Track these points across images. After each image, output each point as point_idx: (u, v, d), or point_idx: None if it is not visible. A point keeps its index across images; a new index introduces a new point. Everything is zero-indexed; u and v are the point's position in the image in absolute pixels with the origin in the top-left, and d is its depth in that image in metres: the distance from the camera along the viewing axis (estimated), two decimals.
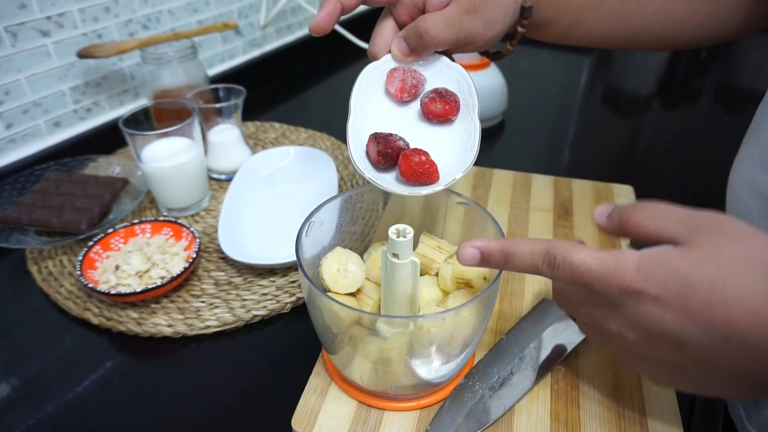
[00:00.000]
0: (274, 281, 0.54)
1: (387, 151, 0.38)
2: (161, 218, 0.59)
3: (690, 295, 0.27)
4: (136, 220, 0.58)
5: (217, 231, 0.58)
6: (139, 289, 0.49)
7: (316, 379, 0.42)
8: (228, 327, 0.50)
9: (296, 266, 0.55)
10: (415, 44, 0.40)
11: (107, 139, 0.75)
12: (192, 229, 0.57)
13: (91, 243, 0.55)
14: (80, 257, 0.53)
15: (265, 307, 0.51)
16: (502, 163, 0.70)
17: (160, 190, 0.62)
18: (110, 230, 0.56)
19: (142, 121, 0.62)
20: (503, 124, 0.87)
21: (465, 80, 0.41)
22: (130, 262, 0.53)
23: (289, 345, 0.49)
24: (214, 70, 0.92)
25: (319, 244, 0.43)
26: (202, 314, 0.51)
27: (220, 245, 0.55)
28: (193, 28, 0.86)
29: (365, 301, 0.41)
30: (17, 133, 0.69)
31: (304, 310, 0.52)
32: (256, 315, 0.51)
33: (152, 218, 0.59)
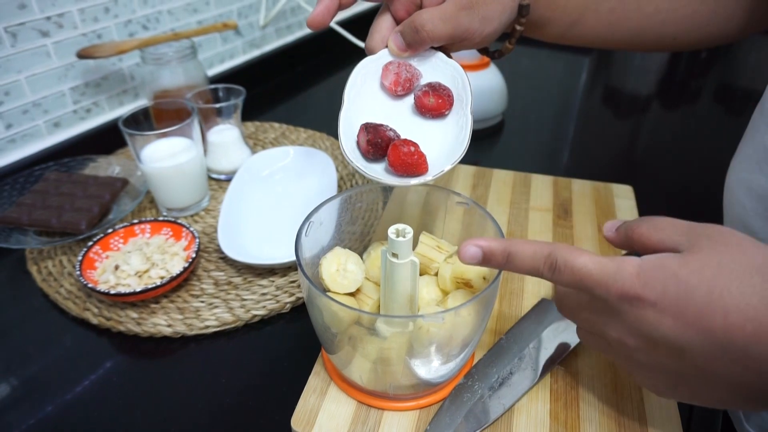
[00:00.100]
0: (273, 281, 0.54)
1: (376, 140, 0.38)
2: (161, 218, 0.59)
3: (688, 301, 0.27)
4: (135, 220, 0.58)
5: (216, 231, 0.58)
6: (138, 289, 0.49)
7: (316, 379, 0.42)
8: (227, 327, 0.50)
9: (296, 266, 0.55)
10: (412, 39, 0.40)
11: (107, 140, 0.75)
12: (191, 229, 0.57)
13: (90, 243, 0.55)
14: (80, 257, 0.53)
15: (264, 307, 0.51)
16: (501, 162, 0.70)
17: (160, 190, 0.62)
18: (110, 230, 0.56)
19: (142, 122, 0.62)
20: (503, 123, 0.87)
21: (460, 76, 0.41)
22: (130, 262, 0.53)
23: (288, 345, 0.49)
24: (213, 71, 0.92)
25: (319, 244, 0.43)
26: (202, 314, 0.51)
27: (219, 245, 0.55)
28: (192, 28, 0.86)
29: (365, 301, 0.41)
30: (17, 133, 0.69)
31: (304, 310, 0.52)
32: (256, 315, 0.51)
33: (152, 218, 0.59)
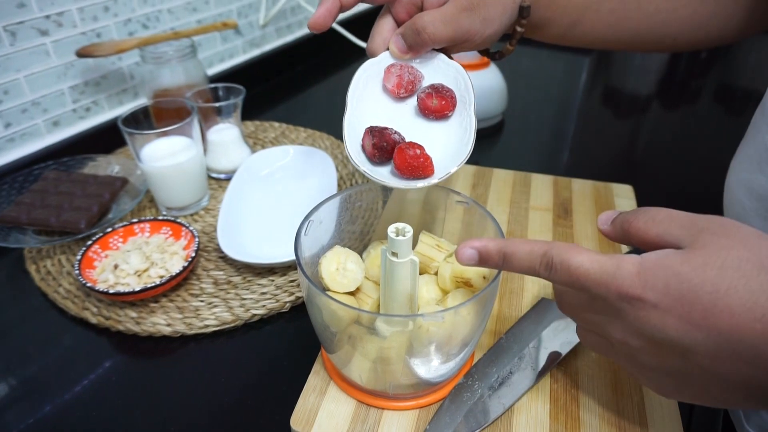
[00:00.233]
0: (273, 280, 0.54)
1: (382, 144, 0.38)
2: (160, 217, 0.59)
3: (693, 301, 0.26)
4: (135, 220, 0.58)
5: (216, 230, 0.57)
6: (137, 288, 0.49)
7: (315, 378, 0.42)
8: (227, 326, 0.50)
9: (295, 265, 0.55)
10: (413, 41, 0.40)
11: (106, 139, 0.74)
12: (191, 228, 0.56)
13: (89, 242, 0.54)
14: (79, 256, 0.53)
15: (264, 306, 0.51)
16: (501, 162, 0.70)
17: (159, 190, 0.62)
18: (109, 229, 0.56)
19: (142, 121, 0.62)
20: (503, 123, 0.87)
21: (462, 77, 0.41)
22: (129, 261, 0.52)
23: (288, 344, 0.49)
24: (213, 70, 0.92)
25: (318, 243, 0.43)
26: (201, 313, 0.51)
27: (219, 244, 0.55)
28: (192, 27, 0.86)
29: (364, 300, 0.41)
30: (16, 132, 0.69)
31: (303, 310, 0.52)
32: (255, 314, 0.51)
33: (151, 217, 0.59)
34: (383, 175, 0.38)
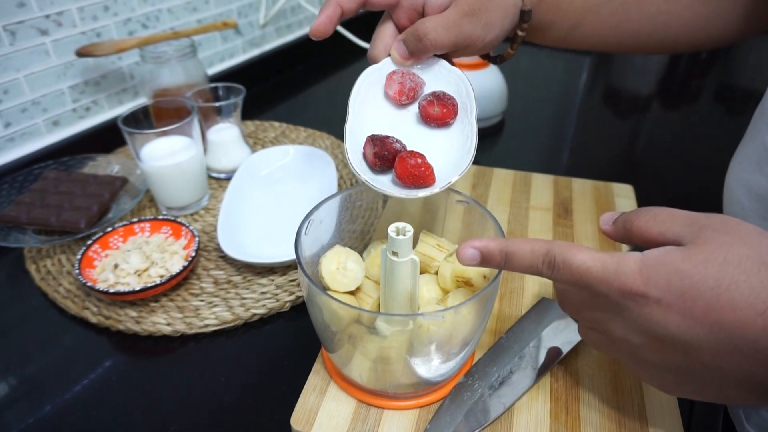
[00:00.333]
0: (273, 280, 0.54)
1: (383, 153, 0.38)
2: (160, 217, 0.59)
3: (695, 297, 0.26)
4: (135, 219, 0.58)
5: (216, 230, 0.57)
6: (138, 288, 0.49)
7: (316, 378, 0.42)
8: (227, 326, 0.50)
9: (295, 265, 0.55)
10: (415, 47, 0.40)
11: (106, 138, 0.74)
12: (191, 227, 0.56)
13: (89, 242, 0.54)
14: (79, 256, 0.53)
15: (264, 305, 0.51)
16: (501, 162, 0.70)
17: (160, 189, 0.62)
18: (109, 229, 0.56)
19: (142, 120, 0.62)
20: (503, 123, 0.87)
21: (464, 84, 0.41)
22: (129, 260, 0.52)
23: (288, 343, 0.49)
24: (213, 69, 0.92)
25: (319, 242, 0.42)
26: (201, 313, 0.51)
27: (219, 244, 0.55)
28: (192, 26, 0.86)
29: (365, 300, 0.41)
30: (16, 131, 0.69)
31: (304, 309, 0.52)
32: (256, 314, 0.51)
33: (151, 217, 0.59)
34: (384, 183, 0.38)
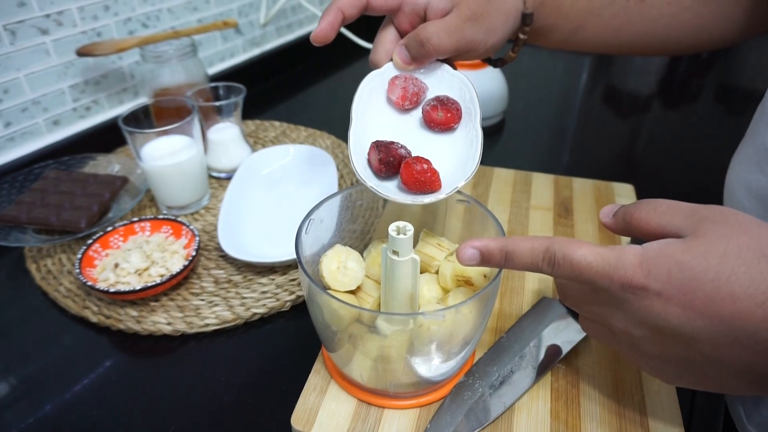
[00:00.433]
0: (273, 279, 0.54)
1: (388, 159, 0.38)
2: (161, 216, 0.59)
3: (695, 288, 0.26)
4: (135, 219, 0.58)
5: (216, 229, 0.57)
6: (138, 287, 0.49)
7: (316, 377, 0.42)
8: (227, 325, 0.50)
9: (296, 264, 0.55)
10: (417, 52, 0.40)
11: (107, 138, 0.74)
12: (191, 227, 0.56)
13: (90, 241, 0.54)
14: (79, 255, 0.53)
15: (264, 305, 0.51)
16: (502, 161, 0.70)
17: (160, 189, 0.62)
18: (109, 228, 0.56)
19: (142, 120, 0.62)
20: (503, 123, 0.87)
21: (467, 88, 0.41)
22: (130, 260, 0.52)
23: (288, 343, 0.49)
24: (214, 69, 0.92)
25: (319, 241, 0.42)
26: (202, 312, 0.51)
27: (219, 243, 0.55)
28: (192, 26, 0.86)
29: (365, 299, 0.41)
30: (16, 131, 0.69)
31: (304, 308, 0.52)
32: (256, 313, 0.51)
33: (152, 216, 0.59)
34: (390, 189, 0.38)
